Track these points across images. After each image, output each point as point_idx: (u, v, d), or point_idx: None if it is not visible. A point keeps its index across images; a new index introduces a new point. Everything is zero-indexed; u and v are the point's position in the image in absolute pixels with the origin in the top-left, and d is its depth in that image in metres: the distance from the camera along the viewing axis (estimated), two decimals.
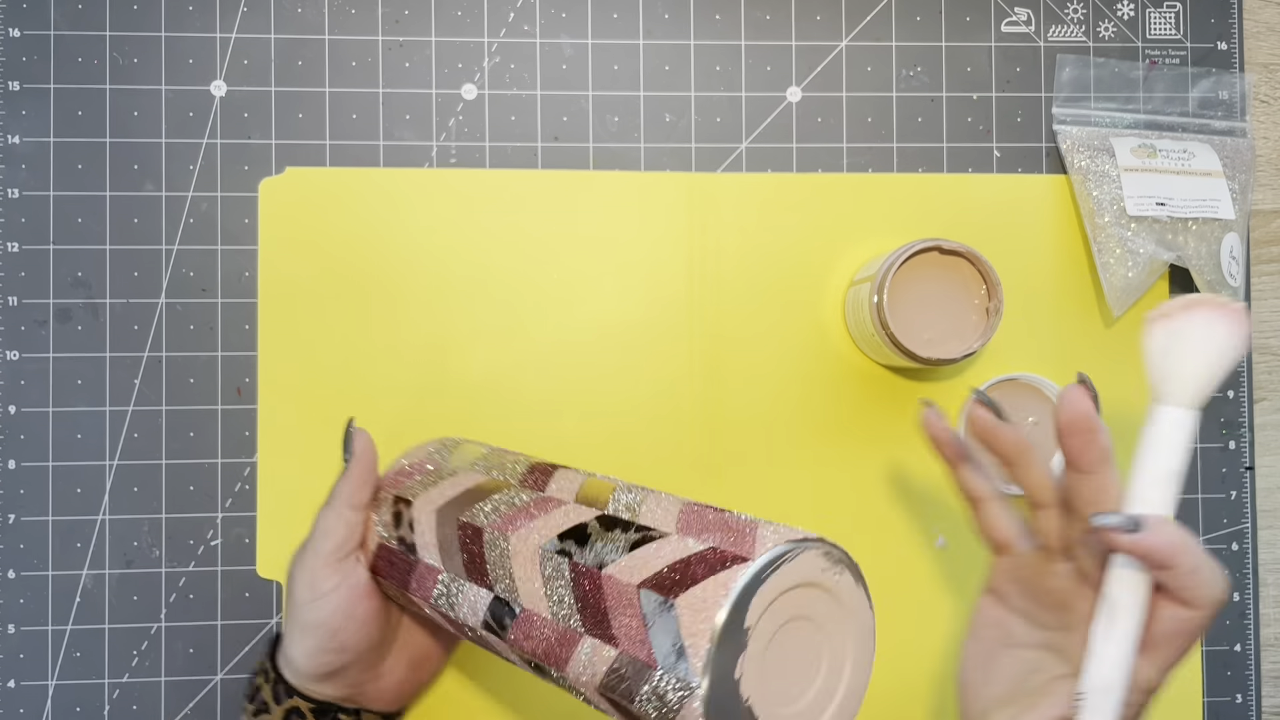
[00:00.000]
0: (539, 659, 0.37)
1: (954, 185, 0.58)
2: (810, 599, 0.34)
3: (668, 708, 0.32)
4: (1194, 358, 0.35)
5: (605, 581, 0.35)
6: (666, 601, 0.33)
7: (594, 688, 0.35)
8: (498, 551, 0.39)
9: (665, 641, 0.32)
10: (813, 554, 0.33)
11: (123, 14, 0.55)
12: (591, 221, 0.56)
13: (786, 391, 0.56)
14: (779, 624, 0.33)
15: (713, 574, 0.32)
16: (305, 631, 0.44)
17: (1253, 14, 0.60)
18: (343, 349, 0.55)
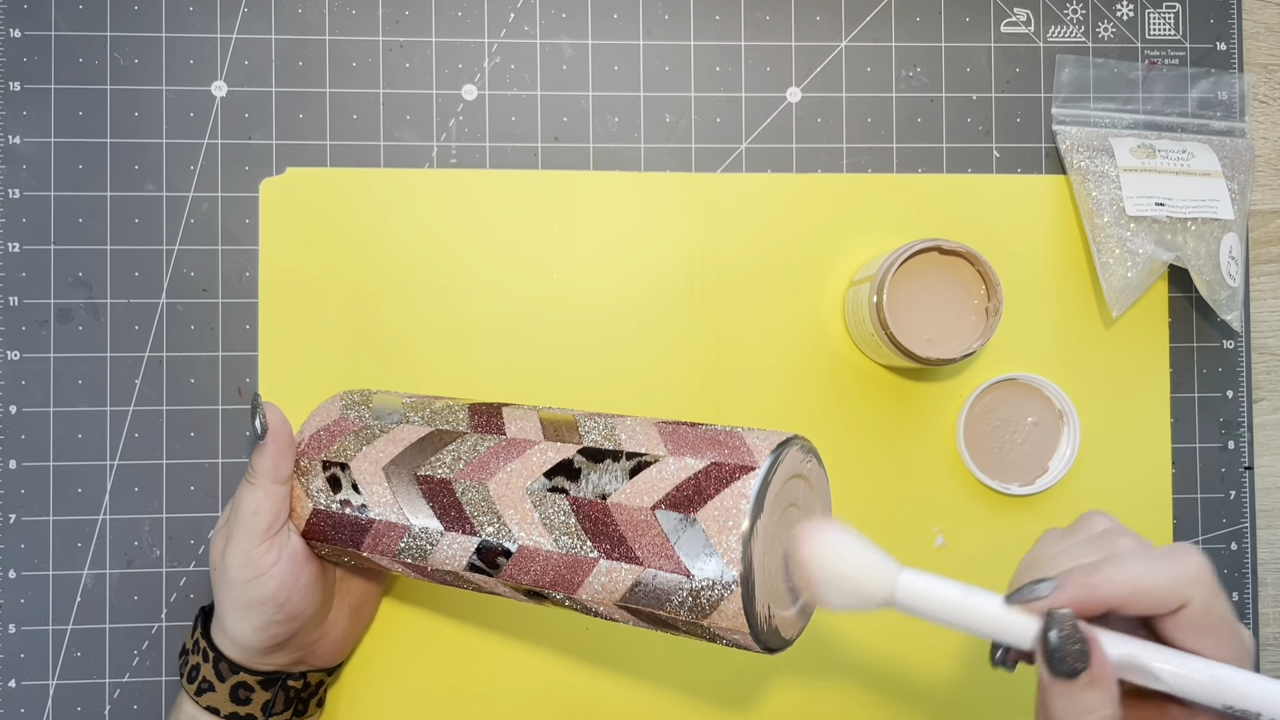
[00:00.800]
0: (544, 587, 0.39)
1: (954, 185, 0.58)
2: (796, 488, 0.39)
3: (702, 607, 0.36)
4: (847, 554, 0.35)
5: (615, 510, 0.38)
6: (687, 518, 0.36)
7: (613, 603, 0.38)
8: (477, 499, 0.40)
9: (694, 551, 0.36)
10: (795, 450, 0.38)
11: (123, 14, 0.55)
12: (591, 222, 0.56)
13: (786, 391, 0.56)
14: (779, 514, 0.37)
15: (726, 486, 0.36)
16: (250, 609, 0.44)
17: (1252, 14, 0.60)
18: (343, 349, 0.55)
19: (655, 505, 0.37)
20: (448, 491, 0.41)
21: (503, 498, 0.40)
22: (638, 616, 0.38)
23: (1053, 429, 0.56)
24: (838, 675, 0.56)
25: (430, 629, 0.55)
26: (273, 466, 0.44)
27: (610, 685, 0.55)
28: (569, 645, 0.55)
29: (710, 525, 0.36)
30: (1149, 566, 0.31)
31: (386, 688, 0.55)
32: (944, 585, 0.34)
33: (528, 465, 0.40)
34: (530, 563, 0.39)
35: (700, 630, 0.37)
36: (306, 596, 0.45)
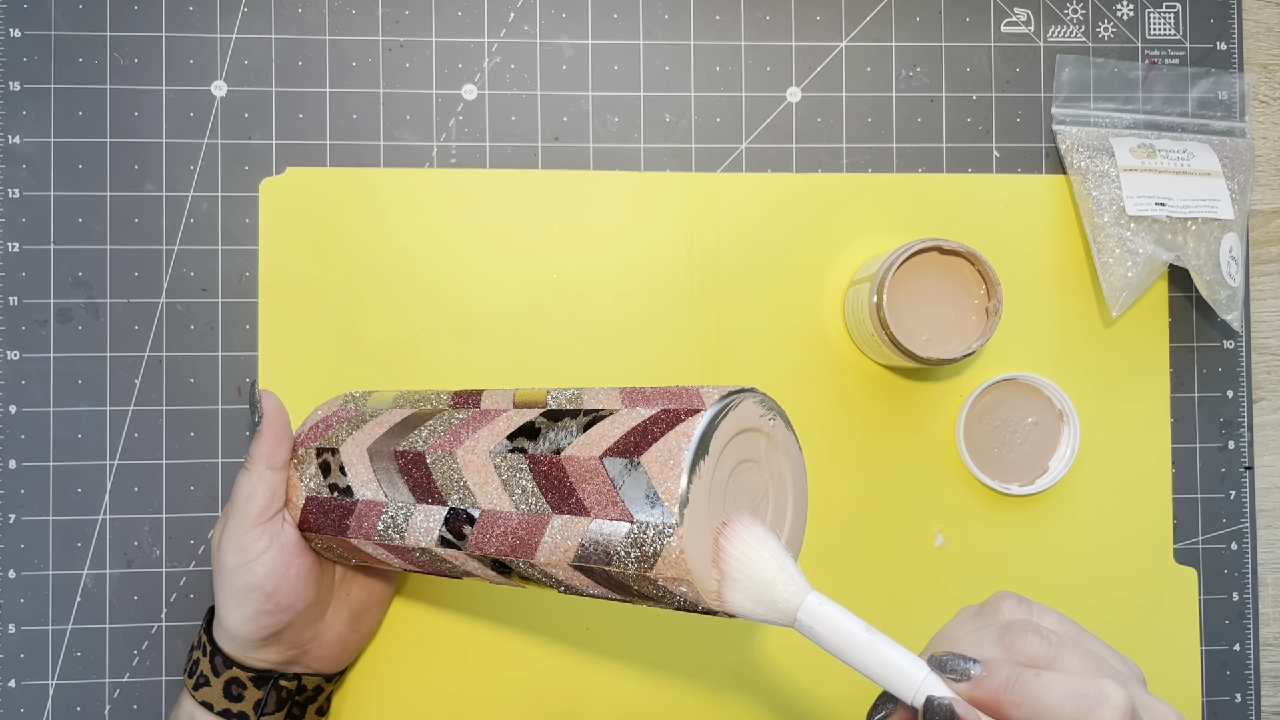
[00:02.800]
0: (505, 555, 0.39)
1: (954, 185, 0.58)
2: (754, 443, 0.38)
3: (646, 555, 0.35)
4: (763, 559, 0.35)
5: (567, 462, 0.37)
6: (632, 462, 0.35)
7: (567, 564, 0.37)
8: (446, 468, 0.41)
9: (638, 495, 0.35)
10: (751, 401, 0.37)
11: (123, 14, 0.55)
12: (591, 222, 0.56)
13: (786, 391, 0.56)
14: (733, 465, 0.36)
15: (671, 429, 0.35)
16: (241, 597, 0.44)
17: (1252, 14, 0.60)
18: (343, 349, 0.55)
19: (604, 454, 0.36)
20: (421, 464, 0.41)
21: (468, 464, 0.40)
22: (593, 578, 0.37)
23: (1053, 429, 0.56)
24: (839, 676, 0.56)
25: (432, 635, 0.55)
26: (267, 452, 0.45)
27: (611, 688, 0.55)
28: (569, 647, 0.55)
29: (653, 468, 0.35)
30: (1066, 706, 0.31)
31: (389, 693, 0.55)
32: (847, 619, 0.34)
33: (494, 430, 0.40)
34: (492, 527, 0.39)
35: (650, 587, 0.36)
36: (297, 588, 0.45)
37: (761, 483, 0.38)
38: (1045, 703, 0.31)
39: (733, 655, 0.56)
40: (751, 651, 0.56)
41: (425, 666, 0.55)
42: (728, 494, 0.36)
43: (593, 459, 0.36)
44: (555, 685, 0.55)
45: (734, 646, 0.56)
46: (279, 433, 0.46)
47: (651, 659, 0.56)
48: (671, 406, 0.36)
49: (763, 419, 0.38)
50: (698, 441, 0.35)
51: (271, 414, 0.46)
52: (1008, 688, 0.31)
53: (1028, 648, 0.33)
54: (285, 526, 0.45)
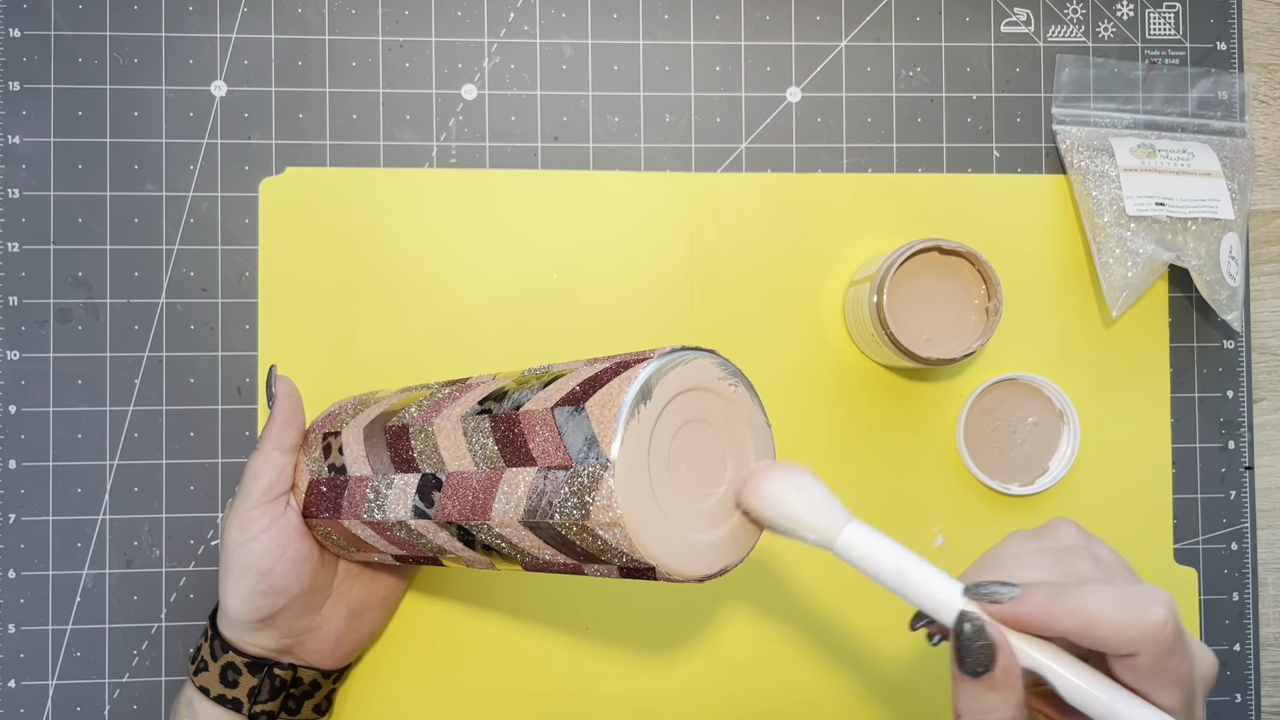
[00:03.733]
0: (465, 518, 0.39)
1: (954, 185, 0.58)
2: (709, 404, 0.37)
3: (583, 501, 0.34)
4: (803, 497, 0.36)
5: (522, 417, 0.37)
6: (578, 409, 0.35)
7: (518, 522, 0.37)
8: (424, 437, 0.41)
9: (578, 440, 0.35)
10: (707, 361, 0.37)
11: (123, 14, 0.55)
12: (591, 221, 0.56)
13: (786, 391, 0.56)
14: (682, 421, 0.36)
15: (617, 376, 0.35)
16: (238, 574, 0.45)
17: (1252, 14, 0.60)
18: (343, 349, 0.55)
19: (555, 405, 0.36)
20: (404, 436, 0.42)
21: (441, 430, 0.40)
22: (542, 536, 0.37)
23: (1053, 429, 0.56)
24: (841, 676, 0.56)
25: (433, 635, 0.55)
26: (275, 433, 0.46)
27: (611, 688, 0.55)
28: (569, 647, 0.55)
29: (595, 412, 0.34)
30: (1112, 609, 0.30)
31: (391, 692, 0.55)
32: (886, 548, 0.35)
33: (468, 399, 0.41)
34: (456, 490, 0.39)
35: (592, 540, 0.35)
36: (292, 571, 0.46)
37: (718, 448, 0.37)
38: (1092, 609, 0.30)
39: (735, 655, 0.56)
40: (753, 651, 0.56)
41: (426, 666, 0.55)
42: (675, 448, 0.35)
43: (545, 410, 0.36)
44: (555, 685, 0.55)
45: (736, 647, 0.56)
46: (288, 415, 0.47)
47: (651, 658, 0.56)
48: (626, 359, 0.36)
49: (721, 381, 0.37)
50: (640, 386, 0.34)
51: (282, 397, 0.47)
52: (1053, 599, 0.31)
53: (1081, 570, 0.33)
54: (288, 511, 0.46)
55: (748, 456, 0.38)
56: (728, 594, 0.56)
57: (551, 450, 0.35)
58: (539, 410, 0.37)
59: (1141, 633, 0.30)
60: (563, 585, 0.56)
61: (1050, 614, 0.31)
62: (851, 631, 0.56)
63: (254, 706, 0.47)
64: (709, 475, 0.37)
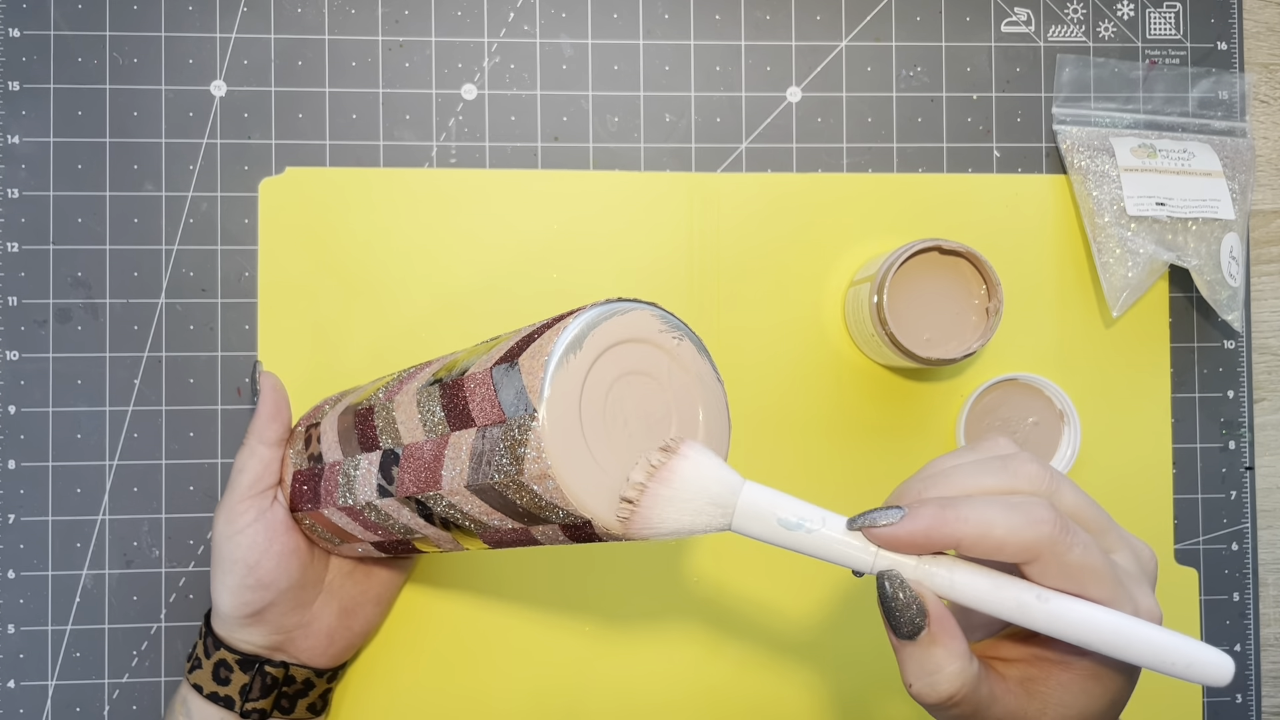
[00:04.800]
0: (420, 490, 0.39)
1: (954, 185, 0.58)
2: (650, 357, 0.36)
3: (516, 454, 0.34)
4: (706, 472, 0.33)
5: (466, 380, 0.37)
6: (512, 365, 0.35)
7: (465, 488, 0.36)
8: (384, 414, 0.41)
9: (510, 395, 0.34)
10: (646, 313, 0.36)
11: (123, 14, 0.55)
12: (591, 221, 0.56)
13: (786, 391, 0.56)
14: (619, 373, 0.35)
15: (550, 329, 0.35)
16: (225, 568, 0.46)
17: (1253, 14, 0.60)
18: (343, 349, 0.55)
19: (493, 364, 0.36)
20: (370, 416, 0.42)
21: (400, 405, 0.41)
22: (489, 500, 0.36)
23: (1053, 429, 0.56)
24: (843, 676, 0.56)
25: (432, 635, 0.55)
26: (260, 427, 0.47)
27: (612, 689, 0.55)
28: (569, 648, 0.55)
29: (526, 364, 0.34)
30: (1000, 516, 0.29)
31: (389, 693, 0.55)
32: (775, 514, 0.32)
33: (426, 373, 0.41)
34: (411, 462, 0.39)
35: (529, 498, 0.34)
36: (279, 565, 0.46)
37: (662, 403, 0.36)
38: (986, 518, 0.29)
39: (736, 653, 0.56)
40: (754, 651, 0.56)
41: (424, 666, 0.55)
42: (612, 401, 0.35)
43: (484, 371, 0.36)
44: (556, 684, 0.55)
45: (738, 646, 0.56)
46: (272, 409, 0.48)
47: (652, 658, 0.56)
48: (562, 315, 0.36)
49: (663, 334, 0.36)
50: (570, 337, 0.34)
51: (267, 391, 0.48)
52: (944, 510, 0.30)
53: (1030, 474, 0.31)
54: (275, 505, 0.47)
55: (695, 414, 0.37)
56: (729, 591, 0.56)
57: (489, 409, 0.35)
58: (479, 372, 0.37)
59: (1034, 534, 0.29)
60: (562, 584, 0.56)
61: (944, 524, 0.30)
62: (856, 625, 0.56)
63: (246, 704, 0.47)
64: (653, 429, 0.36)
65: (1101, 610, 0.30)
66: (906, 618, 0.30)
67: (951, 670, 0.30)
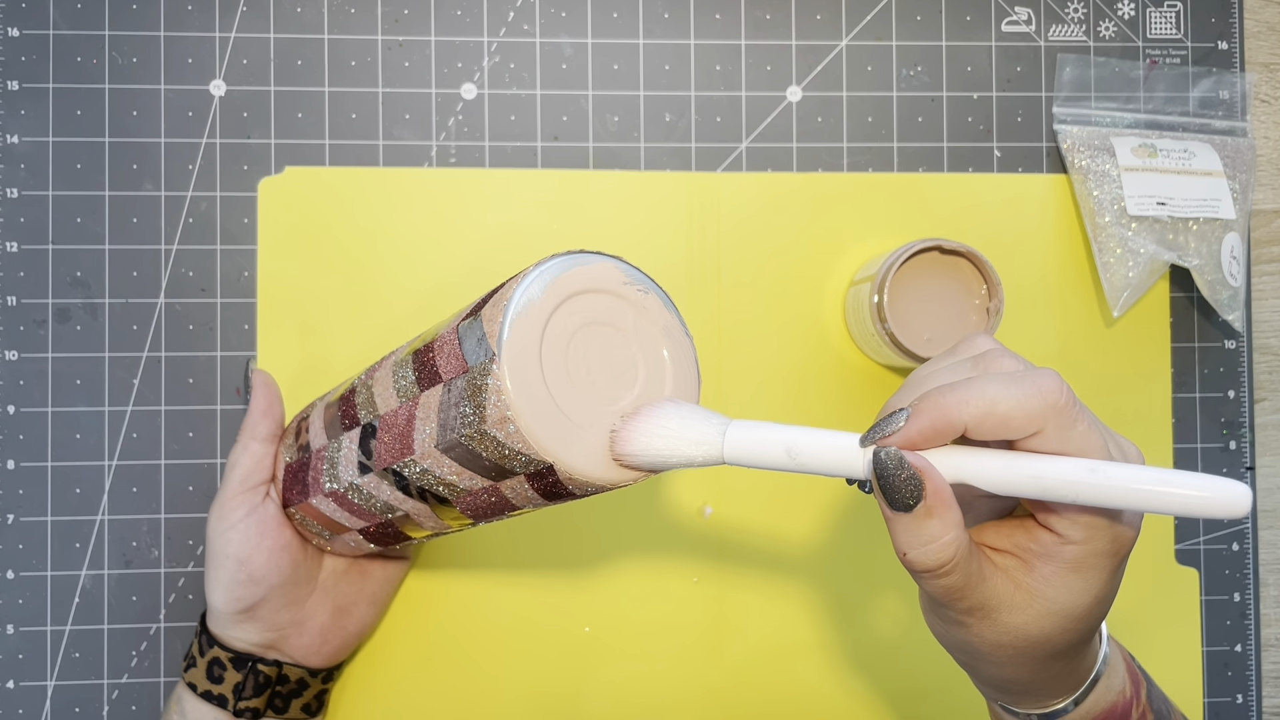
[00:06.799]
0: (396, 460, 0.39)
1: (954, 185, 0.57)
2: (614, 308, 0.36)
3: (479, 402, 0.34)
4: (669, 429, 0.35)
5: (435, 343, 0.37)
6: (475, 317, 0.35)
7: (435, 449, 0.36)
8: (365, 392, 0.42)
9: (472, 344, 0.35)
10: (610, 265, 0.36)
11: (122, 13, 0.55)
12: (591, 221, 0.56)
13: (786, 391, 0.56)
14: (581, 322, 0.36)
15: (512, 280, 0.35)
16: (217, 564, 0.46)
17: (1253, 13, 0.60)
18: (342, 349, 0.55)
19: (459, 321, 0.37)
20: (351, 397, 0.43)
21: (378, 380, 0.41)
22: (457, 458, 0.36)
23: None
24: (844, 675, 0.56)
25: (432, 634, 0.55)
26: (252, 423, 0.48)
27: (611, 690, 0.55)
28: (569, 649, 0.55)
29: (487, 314, 0.35)
30: (1004, 390, 0.29)
31: (388, 692, 0.55)
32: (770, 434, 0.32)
33: (405, 347, 0.41)
34: (387, 431, 0.39)
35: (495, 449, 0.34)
36: (271, 560, 0.46)
37: (627, 354, 0.37)
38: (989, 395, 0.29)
39: (737, 653, 0.56)
40: (755, 650, 0.56)
41: (424, 666, 0.55)
42: (574, 349, 0.35)
43: (451, 329, 0.37)
44: (556, 684, 0.55)
45: (739, 646, 0.56)
46: (264, 405, 0.48)
47: (652, 658, 0.56)
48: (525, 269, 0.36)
49: (627, 286, 0.37)
50: (528, 283, 0.34)
51: (258, 387, 0.48)
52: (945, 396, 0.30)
53: (1003, 365, 0.31)
54: (267, 501, 0.47)
55: (663, 367, 0.37)
56: (731, 590, 0.56)
57: (454, 362, 0.36)
58: (447, 331, 0.37)
59: (1040, 405, 0.29)
60: (563, 583, 0.55)
61: (947, 411, 0.30)
62: (861, 627, 0.56)
63: (239, 703, 0.47)
64: (618, 380, 0.36)
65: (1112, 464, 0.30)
66: (905, 491, 0.30)
67: (947, 539, 0.30)
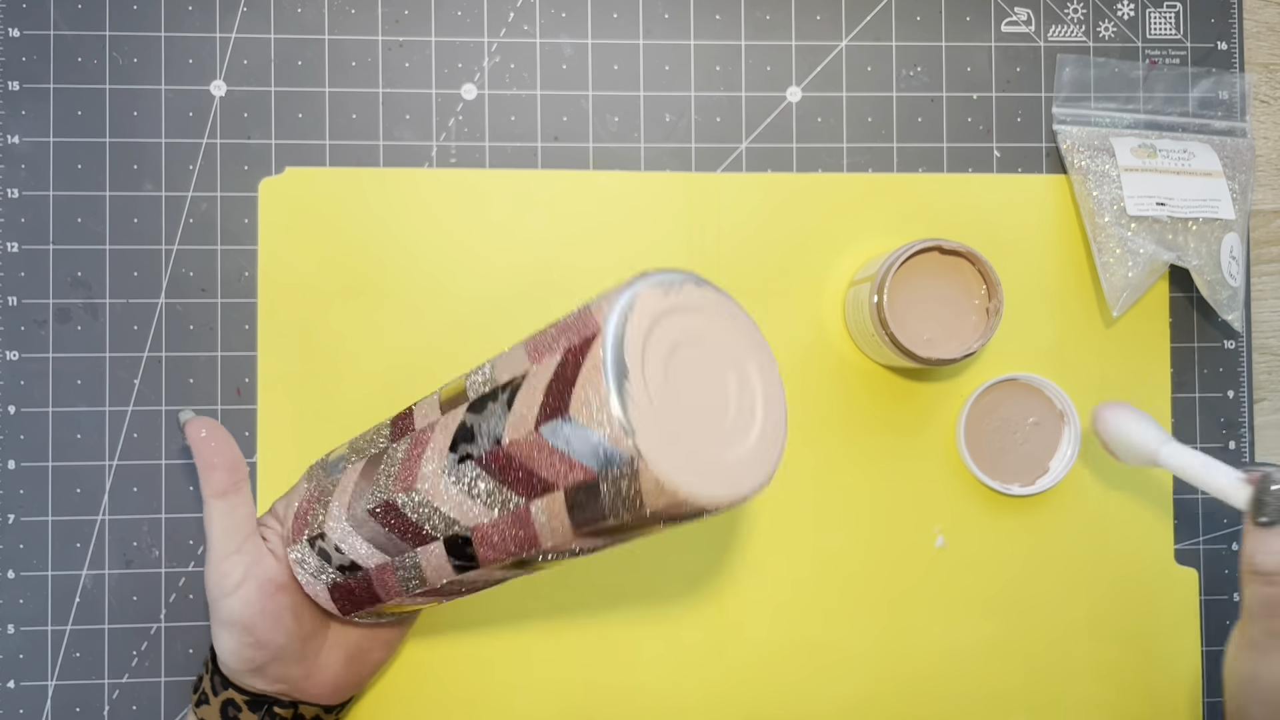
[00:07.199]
0: (515, 554, 0.38)
1: (954, 185, 0.57)
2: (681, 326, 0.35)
3: (630, 499, 0.33)
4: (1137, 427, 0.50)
5: (511, 449, 0.35)
6: (564, 419, 0.33)
7: (572, 535, 0.36)
8: (416, 505, 0.39)
9: (586, 450, 0.33)
10: (647, 289, 0.34)
11: (122, 14, 0.55)
12: (591, 221, 0.56)
13: (787, 391, 0.56)
14: (664, 360, 0.34)
15: (580, 368, 0.33)
16: (222, 628, 0.44)
17: (1253, 14, 0.60)
18: (342, 349, 0.55)
19: (536, 425, 0.34)
20: (395, 511, 0.40)
21: (433, 492, 0.39)
22: (603, 534, 0.36)
23: (1053, 429, 0.56)
24: (844, 673, 0.56)
25: (444, 649, 0.55)
26: (204, 483, 0.45)
27: (626, 704, 0.55)
28: (575, 651, 0.55)
29: (584, 415, 0.32)
30: None
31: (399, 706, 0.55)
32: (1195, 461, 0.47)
33: (437, 449, 0.39)
34: (488, 538, 0.38)
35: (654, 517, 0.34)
36: (276, 625, 0.44)
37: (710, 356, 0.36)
38: None
39: (737, 651, 0.56)
40: (755, 652, 0.56)
41: (426, 666, 0.55)
42: (671, 384, 0.34)
43: (530, 435, 0.34)
44: (568, 703, 0.55)
45: (741, 644, 0.56)
46: (206, 459, 0.45)
47: (653, 661, 0.56)
48: (573, 342, 0.34)
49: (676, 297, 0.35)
50: (614, 368, 0.32)
51: (195, 444, 0.45)
52: None
53: None
54: (264, 559, 0.44)
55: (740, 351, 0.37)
56: (731, 590, 0.56)
57: (565, 470, 0.34)
58: (524, 439, 0.35)
59: None
60: (572, 603, 0.56)
61: None
62: (868, 634, 0.56)
63: None
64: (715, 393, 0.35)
65: None
66: (1274, 510, 0.43)
67: None
